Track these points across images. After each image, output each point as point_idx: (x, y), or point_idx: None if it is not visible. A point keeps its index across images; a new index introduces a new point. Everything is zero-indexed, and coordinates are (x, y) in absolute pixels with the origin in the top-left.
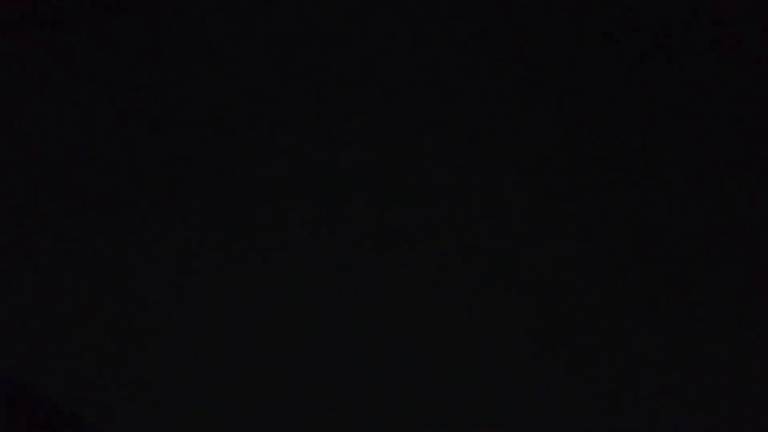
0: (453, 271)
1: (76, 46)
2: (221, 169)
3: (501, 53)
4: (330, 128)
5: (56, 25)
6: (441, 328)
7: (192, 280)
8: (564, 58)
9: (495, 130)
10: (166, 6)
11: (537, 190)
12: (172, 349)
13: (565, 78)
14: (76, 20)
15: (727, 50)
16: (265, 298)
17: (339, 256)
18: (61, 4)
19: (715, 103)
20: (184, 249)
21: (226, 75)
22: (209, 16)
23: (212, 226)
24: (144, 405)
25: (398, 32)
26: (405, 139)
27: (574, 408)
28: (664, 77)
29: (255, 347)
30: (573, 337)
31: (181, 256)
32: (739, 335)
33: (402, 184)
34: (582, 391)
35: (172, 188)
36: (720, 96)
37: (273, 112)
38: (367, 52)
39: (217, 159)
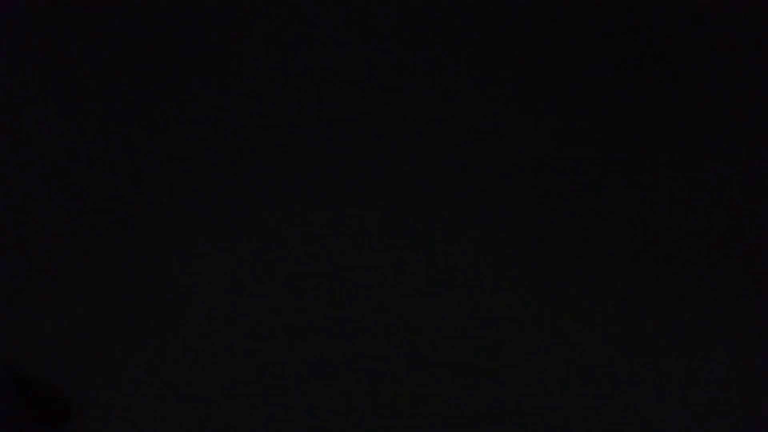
0: (453, 272)
1: (75, 45)
2: (221, 169)
3: (501, 53)
4: (330, 128)
5: (56, 23)
6: (441, 329)
7: (192, 280)
8: (563, 58)
9: (495, 130)
10: (166, 5)
11: (537, 190)
12: (172, 349)
13: (565, 78)
14: (76, 18)
15: (728, 50)
16: (265, 298)
17: (339, 256)
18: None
19: (715, 103)
20: (183, 248)
21: (225, 74)
22: (209, 16)
23: (212, 226)
24: (143, 405)
25: (398, 32)
26: (405, 139)
27: (574, 408)
28: (664, 77)
29: (255, 347)
30: (573, 338)
31: (181, 255)
32: (739, 335)
33: (402, 184)
34: (582, 391)
35: (172, 187)
36: (720, 96)
37: (273, 112)
38: (367, 53)
39: (216, 159)
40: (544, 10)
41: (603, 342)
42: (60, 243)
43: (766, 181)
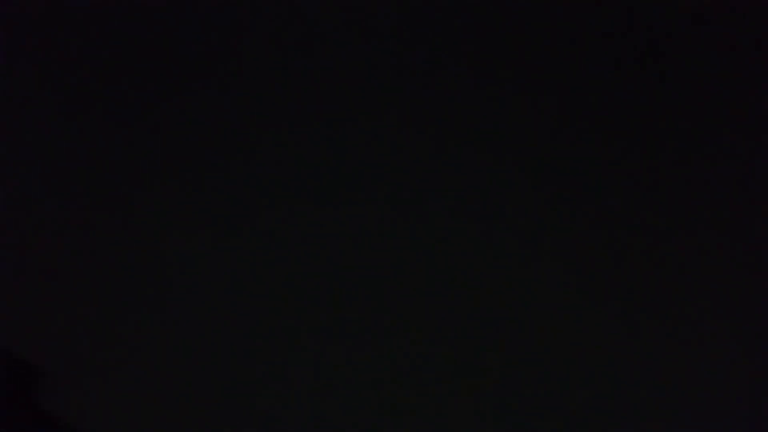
0: (452, 272)
1: (75, 45)
2: (220, 169)
3: (501, 53)
4: (330, 128)
5: (56, 23)
6: (441, 331)
7: (191, 281)
8: (564, 58)
9: (495, 130)
10: (166, 5)
11: (537, 190)
12: (170, 348)
13: (565, 78)
14: (76, 18)
15: (728, 50)
16: (264, 298)
17: (339, 257)
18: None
19: (715, 103)
20: (182, 249)
21: (225, 74)
22: (209, 16)
23: (211, 226)
24: (141, 406)
25: (398, 32)
26: (405, 139)
27: (574, 411)
28: (664, 77)
29: (254, 348)
30: (572, 337)
31: (180, 256)
32: (739, 338)
33: (402, 184)
34: (582, 396)
35: (171, 187)
36: (720, 96)
37: (273, 112)
38: (367, 53)
39: (216, 159)
40: (544, 10)
41: (601, 338)
42: (53, 233)
43: (766, 181)
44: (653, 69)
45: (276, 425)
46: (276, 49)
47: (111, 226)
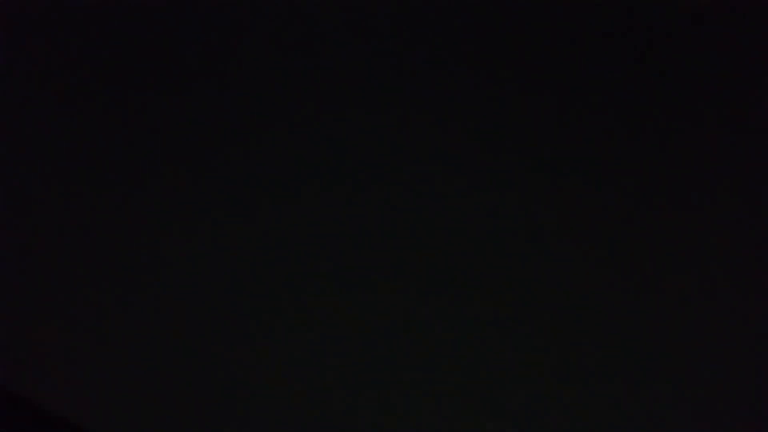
0: (452, 272)
1: (74, 43)
2: (219, 167)
3: (501, 53)
4: (330, 128)
5: (55, 23)
6: (441, 330)
7: (190, 280)
8: (564, 57)
9: (495, 131)
10: (166, 5)
11: (536, 190)
12: (170, 347)
13: (565, 78)
14: (75, 18)
15: (727, 50)
16: (264, 297)
17: (339, 255)
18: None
19: (715, 103)
20: (181, 247)
21: (225, 74)
22: (209, 15)
23: (210, 224)
24: (140, 405)
25: (398, 32)
26: (405, 139)
27: (573, 412)
28: (664, 77)
29: (254, 348)
30: (572, 341)
31: (179, 254)
32: (739, 338)
33: (402, 184)
34: (580, 396)
35: (170, 185)
36: (720, 96)
37: (273, 111)
38: (367, 53)
39: (215, 157)
40: (544, 10)
41: (601, 337)
42: (53, 233)
43: (767, 181)
44: (653, 69)
45: (275, 424)
46: (276, 49)
47: (110, 225)
